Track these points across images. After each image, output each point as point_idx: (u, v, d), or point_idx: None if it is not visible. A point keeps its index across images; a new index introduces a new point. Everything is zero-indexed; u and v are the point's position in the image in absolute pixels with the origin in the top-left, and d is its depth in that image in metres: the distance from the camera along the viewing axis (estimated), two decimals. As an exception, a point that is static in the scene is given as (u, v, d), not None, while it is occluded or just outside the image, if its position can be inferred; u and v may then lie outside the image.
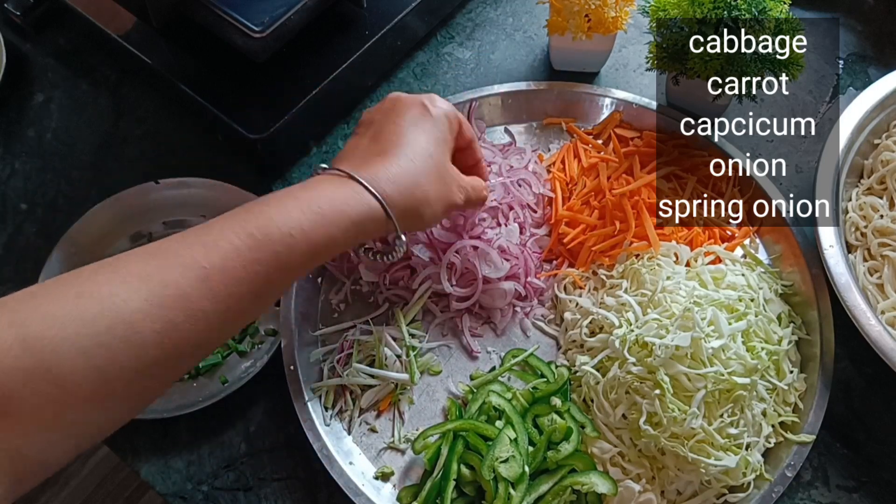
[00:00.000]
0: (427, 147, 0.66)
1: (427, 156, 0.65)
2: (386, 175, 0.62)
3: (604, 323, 0.78)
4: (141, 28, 0.92)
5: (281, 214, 0.57)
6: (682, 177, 0.87)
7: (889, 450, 0.77)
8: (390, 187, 0.62)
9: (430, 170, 0.65)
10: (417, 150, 0.65)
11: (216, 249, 0.53)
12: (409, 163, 0.64)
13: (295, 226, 0.56)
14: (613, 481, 0.71)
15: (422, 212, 0.64)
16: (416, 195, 0.63)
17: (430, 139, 0.66)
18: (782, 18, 0.81)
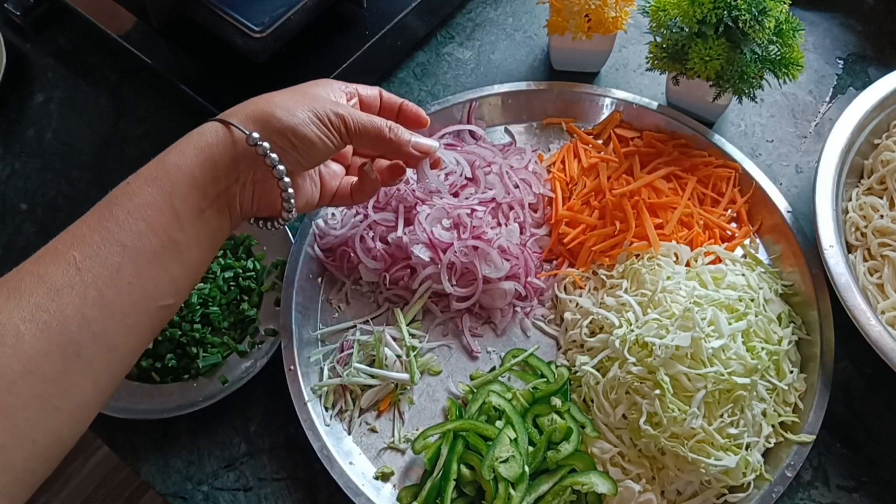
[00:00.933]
0: (289, 88, 0.65)
1: (285, 89, 0.64)
2: (234, 107, 0.62)
3: (604, 323, 0.78)
4: (141, 28, 0.92)
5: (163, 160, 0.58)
6: (682, 177, 0.87)
7: (889, 450, 0.77)
8: (232, 110, 0.61)
9: (282, 91, 0.64)
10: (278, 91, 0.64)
11: (69, 230, 0.55)
12: (261, 96, 0.63)
13: (132, 176, 0.58)
14: (613, 481, 0.71)
15: (273, 111, 0.61)
16: (258, 103, 0.62)
17: (294, 88, 0.65)
18: (782, 18, 0.81)
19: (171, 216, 0.56)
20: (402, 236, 0.81)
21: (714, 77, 0.82)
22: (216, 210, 0.60)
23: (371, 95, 0.71)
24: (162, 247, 0.56)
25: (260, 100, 0.62)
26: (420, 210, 0.82)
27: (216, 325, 0.81)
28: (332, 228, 0.85)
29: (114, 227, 0.55)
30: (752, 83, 0.83)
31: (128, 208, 0.56)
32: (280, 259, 0.85)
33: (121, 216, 0.55)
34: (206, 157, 0.58)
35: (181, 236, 0.57)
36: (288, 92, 0.64)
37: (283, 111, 0.60)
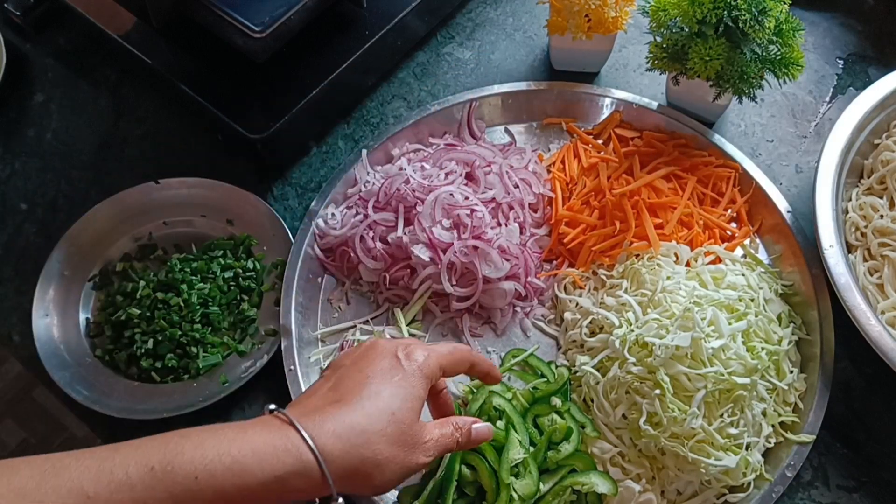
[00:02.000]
0: (390, 402, 0.57)
1: (388, 412, 0.57)
2: (333, 427, 0.54)
3: (604, 323, 0.78)
4: (141, 28, 0.92)
5: (194, 451, 0.50)
6: (682, 177, 0.87)
7: (889, 450, 0.77)
8: (333, 442, 0.54)
9: (390, 429, 0.56)
10: (379, 404, 0.57)
11: (108, 478, 0.48)
12: (364, 417, 0.56)
13: (203, 468, 0.50)
14: (613, 481, 0.71)
15: (371, 475, 0.55)
16: (364, 455, 0.55)
17: (396, 394, 0.58)
18: (782, 18, 0.81)
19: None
20: (402, 236, 0.81)
21: (714, 77, 0.82)
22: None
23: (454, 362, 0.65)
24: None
25: (369, 450, 0.55)
26: (420, 210, 0.82)
27: (216, 325, 0.81)
28: (332, 228, 0.85)
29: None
30: (752, 83, 0.83)
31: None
32: (280, 259, 0.85)
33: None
34: (282, 488, 0.53)
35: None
36: (394, 434, 0.57)
37: (380, 478, 0.56)
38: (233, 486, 0.50)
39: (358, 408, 0.56)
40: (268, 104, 0.87)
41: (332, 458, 0.53)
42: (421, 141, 0.92)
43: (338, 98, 0.94)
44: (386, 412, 0.57)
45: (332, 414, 0.55)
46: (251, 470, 0.51)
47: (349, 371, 0.60)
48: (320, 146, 0.95)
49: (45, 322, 0.81)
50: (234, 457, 0.51)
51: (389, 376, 0.59)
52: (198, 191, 0.88)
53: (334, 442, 0.54)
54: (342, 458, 0.54)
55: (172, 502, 0.49)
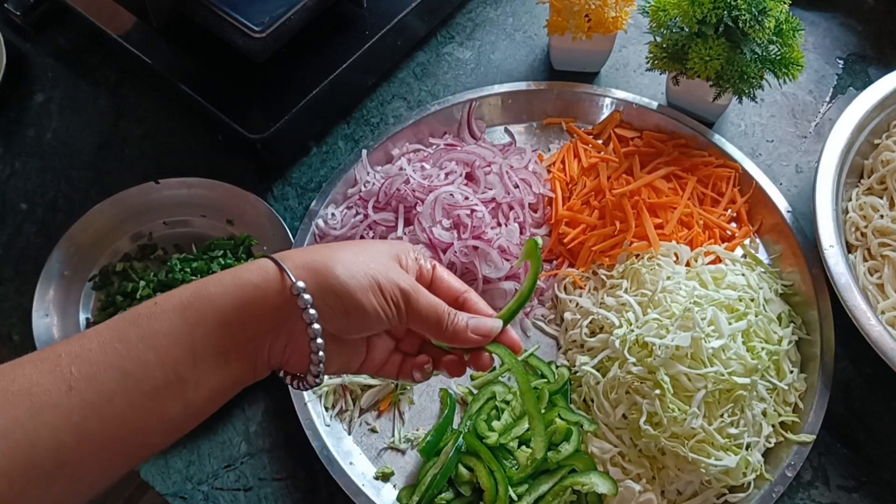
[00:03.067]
0: (358, 241, 0.59)
1: (354, 241, 0.59)
2: (296, 249, 0.56)
3: (604, 323, 0.78)
4: (141, 28, 0.92)
5: (204, 285, 0.52)
6: (682, 177, 0.87)
7: (889, 450, 0.77)
8: (291, 251, 0.55)
9: (351, 244, 0.58)
10: (346, 241, 0.58)
11: (79, 339, 0.49)
12: (325, 244, 0.57)
13: (164, 296, 0.51)
14: (613, 481, 0.71)
15: (333, 267, 0.53)
16: (321, 252, 0.55)
17: (367, 241, 0.60)
18: (782, 18, 0.81)
19: (187, 351, 0.51)
20: (402, 236, 0.81)
21: (714, 77, 0.82)
22: (239, 355, 0.54)
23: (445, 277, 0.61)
24: (166, 383, 0.50)
25: (324, 248, 0.56)
26: (420, 210, 0.82)
27: (216, 325, 0.81)
28: (332, 228, 0.85)
29: (122, 349, 0.49)
30: (752, 83, 0.83)
31: (143, 332, 0.50)
32: (280, 259, 0.85)
33: (133, 339, 0.50)
34: (245, 297, 0.52)
35: (191, 375, 0.51)
36: (357, 247, 0.57)
37: (343, 269, 0.53)
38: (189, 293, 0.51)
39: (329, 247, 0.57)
40: (268, 104, 0.87)
41: (286, 256, 0.54)
42: (421, 141, 0.92)
43: (338, 98, 0.94)
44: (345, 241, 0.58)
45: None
46: (211, 280, 0.52)
47: None
48: (320, 146, 0.95)
49: (45, 322, 0.81)
50: (195, 281, 0.53)
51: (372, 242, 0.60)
52: (198, 191, 0.88)
53: (291, 251, 0.55)
54: (297, 255, 0.54)
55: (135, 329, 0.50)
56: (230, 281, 0.52)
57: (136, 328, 0.50)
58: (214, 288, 0.52)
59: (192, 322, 0.51)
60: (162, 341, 0.50)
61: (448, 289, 0.60)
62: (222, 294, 0.51)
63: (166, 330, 0.50)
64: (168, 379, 0.50)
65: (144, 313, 0.51)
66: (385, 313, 0.55)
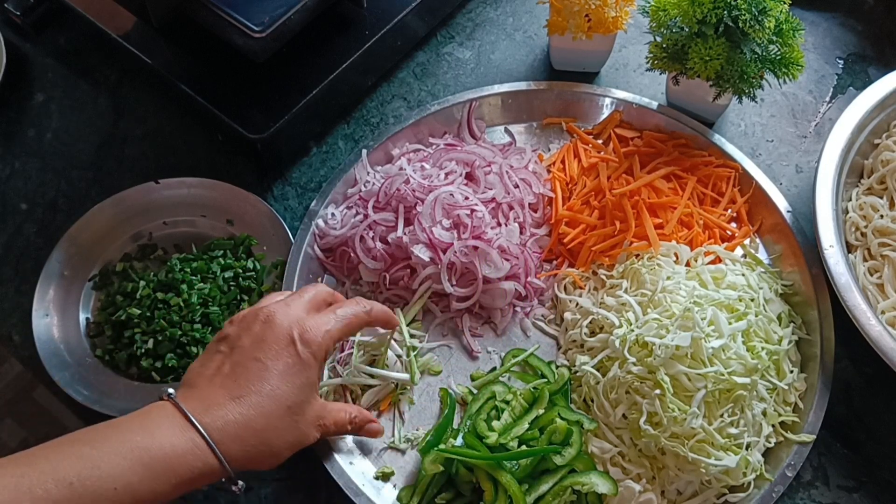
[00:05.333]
0: (287, 398, 0.63)
1: (284, 408, 0.63)
2: (235, 430, 0.60)
3: (604, 323, 0.78)
4: (141, 28, 0.92)
5: (107, 462, 0.55)
6: (682, 177, 0.87)
7: (889, 450, 0.77)
8: (235, 446, 0.60)
9: (286, 425, 0.63)
10: (276, 402, 0.62)
11: (29, 497, 0.51)
12: (263, 419, 0.61)
13: (120, 479, 0.55)
14: (613, 481, 0.71)
15: (267, 462, 0.63)
16: (262, 451, 0.62)
17: (292, 388, 0.63)
18: (782, 18, 0.81)
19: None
20: (402, 236, 0.81)
21: (714, 77, 0.82)
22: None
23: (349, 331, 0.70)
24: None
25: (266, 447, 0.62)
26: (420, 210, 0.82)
27: (216, 325, 0.81)
28: (332, 228, 0.85)
29: None
30: (752, 83, 0.83)
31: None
32: (280, 259, 0.85)
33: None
34: (189, 486, 0.58)
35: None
36: (287, 423, 0.63)
37: (273, 461, 0.63)
38: (148, 490, 0.56)
39: (257, 406, 0.61)
40: (268, 104, 0.87)
41: (233, 458, 0.60)
42: (421, 141, 0.92)
43: (338, 98, 0.94)
44: (282, 408, 0.62)
45: (233, 413, 0.60)
46: (164, 476, 0.56)
47: (247, 357, 0.63)
48: (320, 146, 0.95)
49: (45, 322, 0.81)
50: (146, 465, 0.56)
51: (285, 368, 0.63)
52: (198, 191, 0.88)
53: (236, 445, 0.60)
54: (243, 456, 0.60)
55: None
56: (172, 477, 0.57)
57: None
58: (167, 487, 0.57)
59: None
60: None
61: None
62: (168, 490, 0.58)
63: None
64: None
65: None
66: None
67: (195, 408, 0.60)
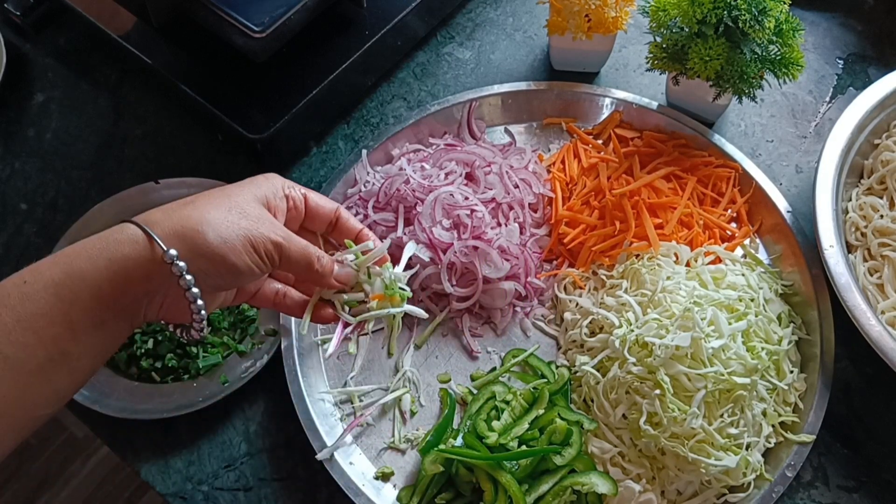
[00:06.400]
0: (221, 191, 0.58)
1: (217, 194, 0.57)
2: (160, 209, 0.55)
3: (604, 323, 0.78)
4: (141, 28, 0.92)
5: (50, 265, 0.52)
6: (682, 177, 0.87)
7: (889, 450, 0.77)
8: (157, 214, 0.55)
9: (217, 199, 0.56)
10: (204, 196, 0.57)
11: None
12: (192, 200, 0.56)
13: (31, 272, 0.51)
14: (613, 481, 0.71)
15: (203, 231, 0.54)
16: (190, 216, 0.54)
17: (229, 189, 0.58)
18: (782, 18, 0.81)
19: (66, 328, 0.51)
20: (402, 236, 0.81)
21: (714, 77, 0.82)
22: (116, 319, 0.55)
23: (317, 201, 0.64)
24: (49, 359, 0.51)
25: (190, 207, 0.56)
26: (420, 210, 0.82)
27: (216, 325, 0.81)
28: (332, 228, 0.85)
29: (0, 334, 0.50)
30: (752, 83, 0.83)
31: (18, 314, 0.50)
32: (280, 259, 0.85)
33: (9, 323, 0.50)
34: (117, 271, 0.53)
35: (74, 348, 0.52)
36: (225, 202, 0.56)
37: (214, 233, 0.54)
38: (58, 271, 0.52)
39: (190, 198, 0.57)
40: (268, 104, 0.87)
41: (154, 221, 0.54)
42: (421, 141, 0.92)
43: (338, 98, 0.94)
44: (214, 194, 0.57)
45: (170, 204, 0.56)
46: (77, 252, 0.53)
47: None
48: (320, 146, 0.95)
49: (45, 322, 0.81)
50: (61, 252, 0.53)
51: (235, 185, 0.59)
52: (198, 191, 0.84)
53: (158, 213, 0.55)
54: (165, 220, 0.54)
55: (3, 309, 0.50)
56: (101, 255, 0.53)
57: (9, 311, 0.51)
58: (86, 264, 0.52)
59: (67, 301, 0.52)
60: (39, 322, 0.51)
61: (322, 214, 0.63)
62: (94, 270, 0.52)
63: (42, 311, 0.51)
64: (51, 355, 0.51)
65: (15, 294, 0.51)
66: (259, 268, 0.57)
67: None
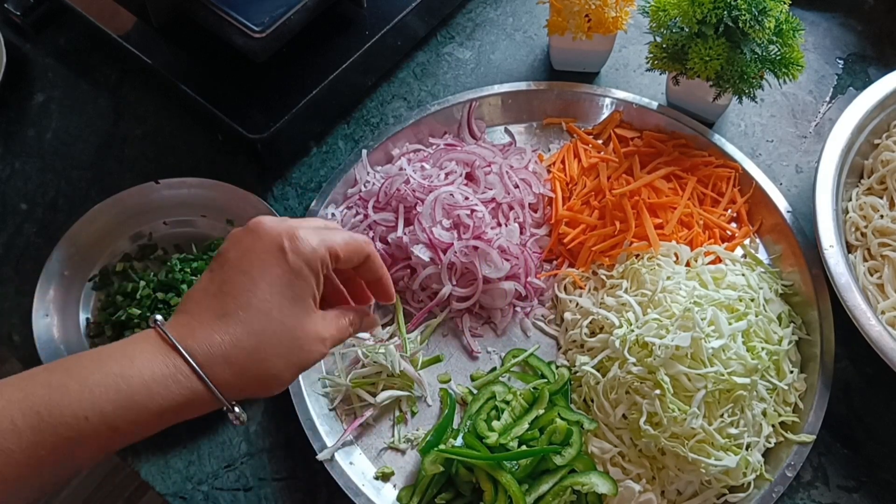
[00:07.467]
0: (278, 312, 0.55)
1: (278, 323, 0.55)
2: (222, 351, 0.53)
3: (604, 323, 0.78)
4: (141, 28, 0.92)
5: (81, 390, 0.49)
6: (682, 177, 0.87)
7: (889, 450, 0.77)
8: (224, 369, 0.53)
9: (281, 341, 0.55)
10: (267, 317, 0.55)
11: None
12: (253, 337, 0.54)
13: (92, 408, 0.48)
14: (613, 481, 0.71)
15: (268, 386, 0.55)
16: (258, 374, 0.54)
17: (283, 300, 0.55)
18: (782, 18, 0.81)
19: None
20: (402, 236, 0.81)
21: (714, 77, 0.82)
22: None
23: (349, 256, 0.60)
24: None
25: (258, 367, 0.54)
26: (420, 210, 0.82)
27: (216, 325, 0.81)
28: (332, 228, 0.85)
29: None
30: (752, 83, 0.83)
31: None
32: (280, 259, 0.85)
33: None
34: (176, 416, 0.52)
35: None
36: (282, 340, 0.55)
37: (276, 385, 0.56)
38: (125, 421, 0.49)
39: (245, 323, 0.54)
40: (268, 104, 0.87)
41: (225, 384, 0.53)
42: (421, 141, 0.92)
43: (338, 98, 0.94)
44: (275, 323, 0.55)
45: (219, 333, 0.53)
46: (143, 403, 0.50)
47: (233, 271, 0.56)
48: (320, 146, 0.95)
49: (45, 322, 0.81)
50: (123, 392, 0.49)
51: (275, 278, 0.55)
52: (198, 191, 0.88)
53: (225, 369, 0.53)
54: (235, 381, 0.53)
55: (66, 445, 0.48)
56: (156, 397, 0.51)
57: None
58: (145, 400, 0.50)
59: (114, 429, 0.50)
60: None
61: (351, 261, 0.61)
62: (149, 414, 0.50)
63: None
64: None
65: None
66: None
67: (180, 332, 0.53)
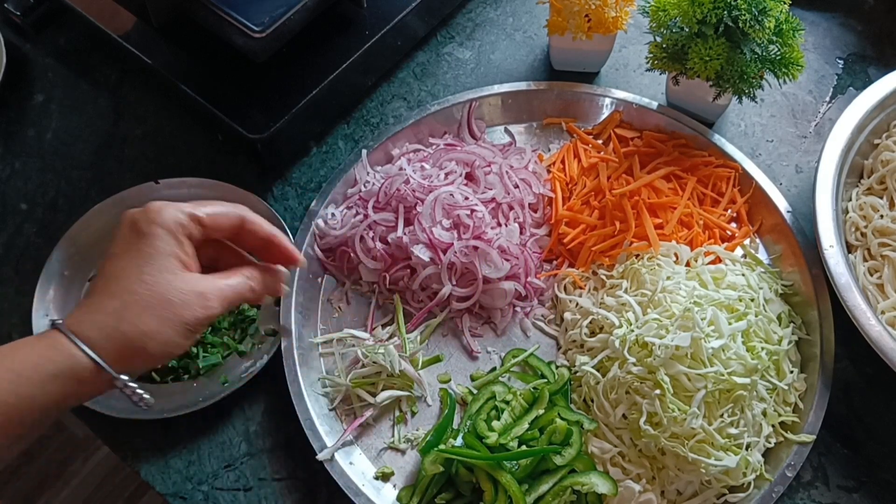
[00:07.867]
0: (135, 272, 0.58)
1: (136, 281, 0.57)
2: (90, 317, 0.56)
3: (604, 323, 0.78)
4: (141, 28, 0.92)
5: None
6: (682, 177, 0.87)
7: (889, 450, 0.77)
8: (94, 331, 0.56)
9: (139, 295, 0.57)
10: (124, 279, 0.57)
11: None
12: (114, 298, 0.57)
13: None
14: (613, 481, 0.71)
15: (145, 347, 0.57)
16: (126, 332, 0.56)
17: (139, 261, 0.58)
18: (782, 18, 0.81)
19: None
20: (402, 236, 0.81)
21: (714, 77, 0.82)
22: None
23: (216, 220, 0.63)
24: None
25: (126, 326, 0.57)
26: (420, 210, 0.82)
27: (216, 325, 0.81)
28: (332, 228, 0.85)
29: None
30: (752, 83, 0.83)
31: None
32: (280, 259, 0.85)
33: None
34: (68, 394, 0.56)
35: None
36: (149, 303, 0.57)
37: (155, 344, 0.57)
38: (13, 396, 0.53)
39: (106, 290, 0.58)
40: (268, 104, 0.87)
41: (98, 345, 0.56)
42: (421, 141, 0.92)
43: (338, 98, 0.94)
44: (134, 283, 0.57)
45: (88, 305, 0.58)
46: (28, 377, 0.54)
47: (105, 259, 0.60)
48: (320, 146, 0.95)
49: (45, 322, 0.81)
50: (8, 368, 0.53)
51: (129, 245, 0.59)
52: (198, 191, 0.88)
53: (95, 331, 0.56)
54: (108, 342, 0.56)
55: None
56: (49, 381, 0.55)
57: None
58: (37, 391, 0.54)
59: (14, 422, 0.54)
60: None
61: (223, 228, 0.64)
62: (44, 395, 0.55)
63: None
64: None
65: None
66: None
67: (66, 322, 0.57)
